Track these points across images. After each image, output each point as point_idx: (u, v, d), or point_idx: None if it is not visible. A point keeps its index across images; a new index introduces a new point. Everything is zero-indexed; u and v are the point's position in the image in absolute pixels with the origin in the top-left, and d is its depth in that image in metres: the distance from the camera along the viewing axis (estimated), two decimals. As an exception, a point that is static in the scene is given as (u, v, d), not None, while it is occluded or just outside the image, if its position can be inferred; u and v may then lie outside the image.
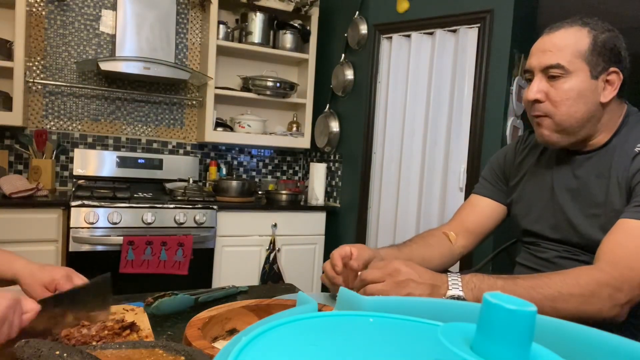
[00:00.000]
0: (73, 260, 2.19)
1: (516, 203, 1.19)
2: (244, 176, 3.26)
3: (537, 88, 1.00)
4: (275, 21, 2.98)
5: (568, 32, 0.98)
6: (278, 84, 2.91)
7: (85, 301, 0.84)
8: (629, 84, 1.01)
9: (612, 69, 0.97)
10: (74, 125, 2.78)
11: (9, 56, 2.41)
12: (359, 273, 0.92)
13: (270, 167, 3.35)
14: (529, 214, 1.14)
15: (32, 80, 2.61)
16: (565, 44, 0.97)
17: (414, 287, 0.86)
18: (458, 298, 0.86)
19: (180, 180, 2.82)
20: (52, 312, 0.76)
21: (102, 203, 2.28)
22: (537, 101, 1.00)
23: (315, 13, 3.02)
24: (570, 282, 0.84)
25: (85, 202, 2.25)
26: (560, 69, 0.96)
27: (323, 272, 1.06)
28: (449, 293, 0.86)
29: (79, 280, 0.90)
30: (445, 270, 1.18)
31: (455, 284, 0.87)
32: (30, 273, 0.90)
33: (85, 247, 2.23)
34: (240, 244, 2.62)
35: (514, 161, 1.23)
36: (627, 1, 3.29)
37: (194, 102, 3.04)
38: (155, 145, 2.98)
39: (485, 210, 1.25)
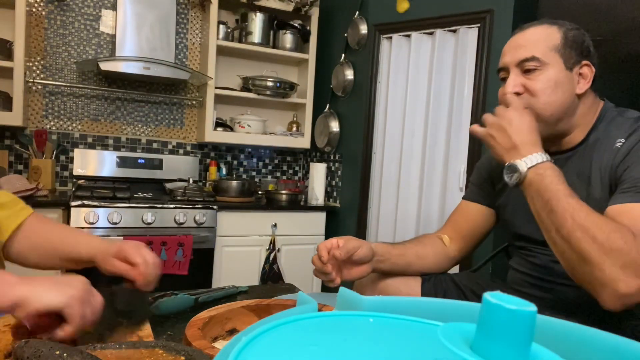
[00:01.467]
0: (73, 260, 2.19)
1: (504, 207, 1.18)
2: (244, 176, 3.26)
3: (514, 82, 1.01)
4: (275, 21, 2.98)
5: (538, 29, 1.02)
6: (278, 84, 2.91)
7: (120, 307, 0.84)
8: (629, 85, 1.02)
9: (584, 62, 1.00)
10: (74, 125, 2.78)
11: (9, 56, 2.41)
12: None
13: (270, 167, 3.35)
14: (516, 218, 1.14)
15: (32, 80, 2.61)
16: (537, 38, 1.00)
17: (500, 139, 0.95)
18: (516, 169, 0.91)
19: (180, 180, 2.82)
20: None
21: (102, 203, 2.28)
22: (516, 94, 1.01)
23: (315, 13, 3.02)
24: (606, 229, 0.80)
25: (85, 202, 2.25)
26: (536, 61, 0.98)
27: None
28: (515, 163, 0.91)
29: (146, 252, 0.87)
30: (461, 290, 1.18)
31: (529, 161, 0.90)
32: (101, 249, 0.90)
33: (85, 247, 2.22)
34: (240, 244, 2.62)
35: (498, 164, 1.23)
36: (626, 1, 3.29)
37: (194, 102, 3.04)
38: (155, 145, 2.98)
39: (476, 216, 1.24)
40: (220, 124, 2.93)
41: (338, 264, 1.04)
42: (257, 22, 2.88)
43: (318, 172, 2.91)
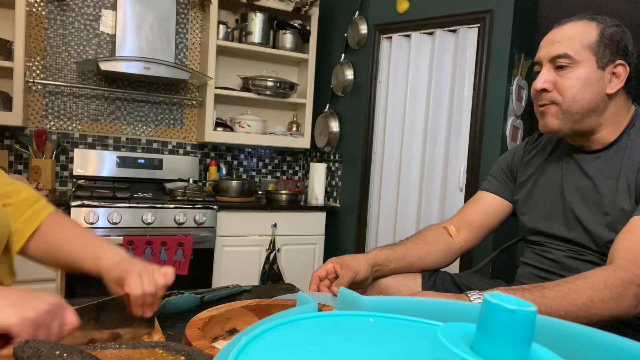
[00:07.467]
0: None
1: (523, 201, 1.19)
2: (244, 176, 3.26)
3: (544, 78, 1.02)
4: (275, 21, 2.98)
5: (576, 24, 1.01)
6: (278, 84, 2.91)
7: (118, 313, 0.78)
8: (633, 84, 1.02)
9: (618, 61, 1.00)
10: (74, 125, 2.78)
11: (9, 56, 2.41)
12: None
13: (270, 167, 3.35)
14: (536, 213, 1.15)
15: (32, 80, 2.61)
16: (572, 35, 1.00)
17: None
18: None
19: (180, 180, 2.82)
20: (86, 323, 0.71)
21: (102, 203, 2.28)
22: (544, 90, 1.02)
23: (315, 13, 3.01)
24: (599, 287, 0.82)
25: (85, 202, 2.25)
26: (568, 58, 0.99)
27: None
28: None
29: (147, 282, 0.80)
30: (461, 290, 1.19)
31: (479, 299, 0.85)
32: (105, 270, 0.84)
33: (85, 247, 2.22)
34: (240, 244, 2.62)
35: (522, 159, 1.24)
36: (627, 1, 3.29)
37: (194, 102, 3.04)
38: (155, 145, 2.98)
39: (490, 206, 1.25)
40: (220, 124, 2.93)
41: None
42: (257, 22, 2.88)
43: (318, 172, 2.91)
